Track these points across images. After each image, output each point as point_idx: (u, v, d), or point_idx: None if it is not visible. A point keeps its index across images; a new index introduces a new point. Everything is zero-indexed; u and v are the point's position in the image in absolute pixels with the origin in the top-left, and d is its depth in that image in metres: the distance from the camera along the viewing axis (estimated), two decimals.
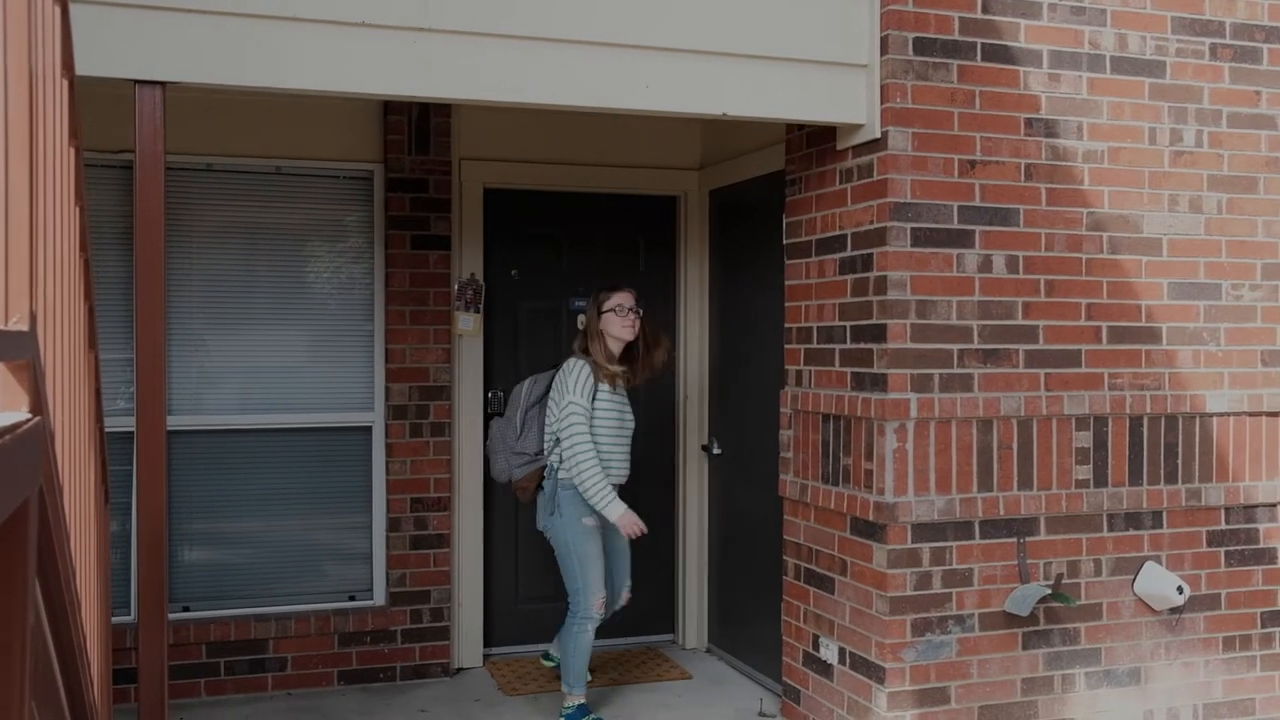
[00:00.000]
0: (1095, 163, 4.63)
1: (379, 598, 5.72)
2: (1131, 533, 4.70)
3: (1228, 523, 4.83)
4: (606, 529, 4.99)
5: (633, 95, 4.22)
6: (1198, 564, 4.78)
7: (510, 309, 6.08)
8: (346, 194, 5.74)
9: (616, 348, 5.03)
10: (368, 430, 5.72)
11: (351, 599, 5.71)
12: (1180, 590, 4.61)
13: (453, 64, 4.00)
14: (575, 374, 4.92)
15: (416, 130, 5.68)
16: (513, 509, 6.05)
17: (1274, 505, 4.90)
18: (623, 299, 5.02)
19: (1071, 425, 4.60)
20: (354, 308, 5.75)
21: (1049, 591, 4.45)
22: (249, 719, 5.13)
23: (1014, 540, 4.51)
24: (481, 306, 5.86)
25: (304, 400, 5.66)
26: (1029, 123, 4.53)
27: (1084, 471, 4.62)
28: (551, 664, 5.62)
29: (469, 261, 5.87)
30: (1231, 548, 4.84)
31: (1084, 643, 4.63)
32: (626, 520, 4.87)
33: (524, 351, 6.10)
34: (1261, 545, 4.88)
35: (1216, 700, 4.84)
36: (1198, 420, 4.78)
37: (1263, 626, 4.90)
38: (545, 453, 5.03)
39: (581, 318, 5.25)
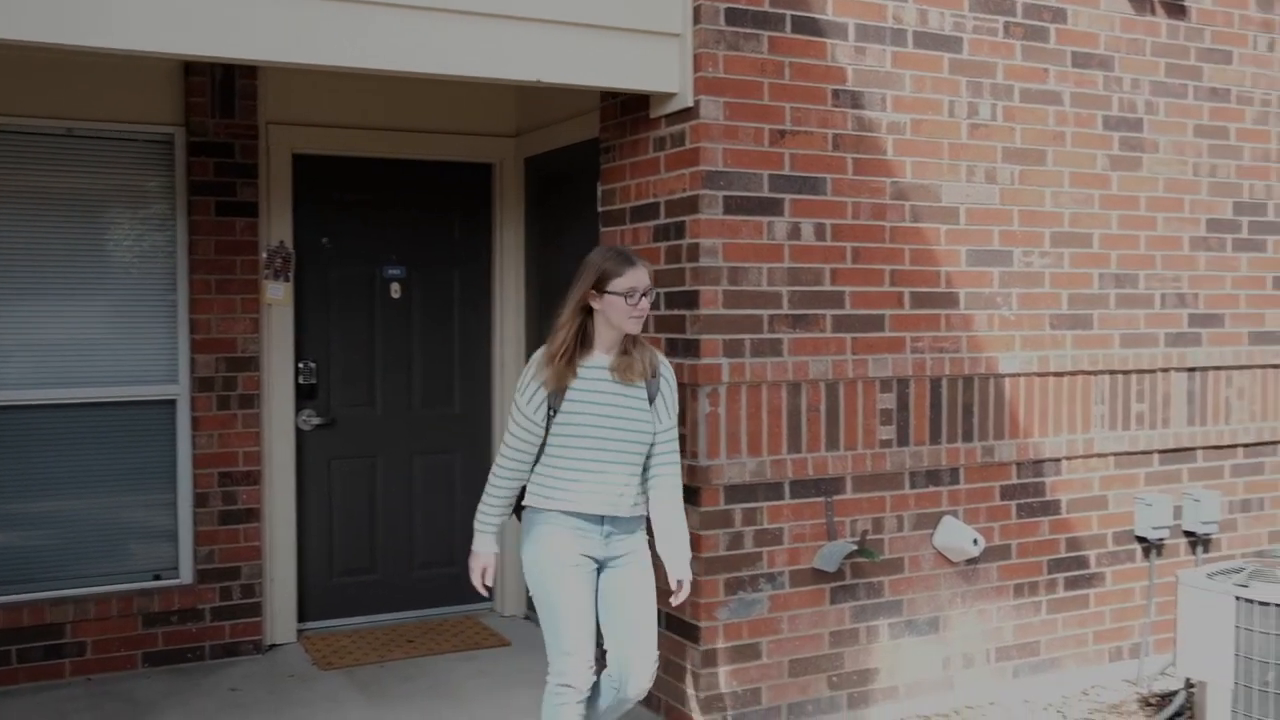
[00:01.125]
0: (898, 134, 4.79)
1: (186, 575, 5.53)
2: (931, 489, 4.92)
3: (1019, 477, 5.11)
4: (608, 567, 3.78)
5: (443, 60, 4.16)
6: (991, 517, 5.04)
7: (321, 278, 5.94)
8: (145, 158, 5.49)
9: (609, 340, 3.72)
10: (171, 403, 5.50)
11: (157, 578, 5.51)
12: (975, 542, 4.85)
13: (248, 23, 3.86)
14: (529, 369, 3.77)
15: (220, 92, 5.47)
16: (327, 481, 5.93)
17: (1059, 460, 5.20)
18: (637, 279, 3.64)
19: (876, 387, 4.77)
20: (156, 277, 5.51)
21: (855, 548, 4.63)
22: (40, 708, 4.90)
23: (822, 499, 4.67)
24: (291, 275, 5.70)
25: (102, 374, 5.41)
26: (836, 94, 4.65)
27: (887, 432, 4.80)
28: None
29: (278, 229, 5.70)
30: (1022, 501, 5.11)
31: (887, 595, 4.83)
32: (473, 561, 3.85)
33: (336, 321, 5.97)
34: (1048, 497, 5.18)
35: (1007, 644, 5.12)
36: (991, 381, 5.03)
37: (1048, 573, 5.21)
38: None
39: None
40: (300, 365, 5.82)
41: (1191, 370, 5.55)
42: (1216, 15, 5.55)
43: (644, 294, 3.66)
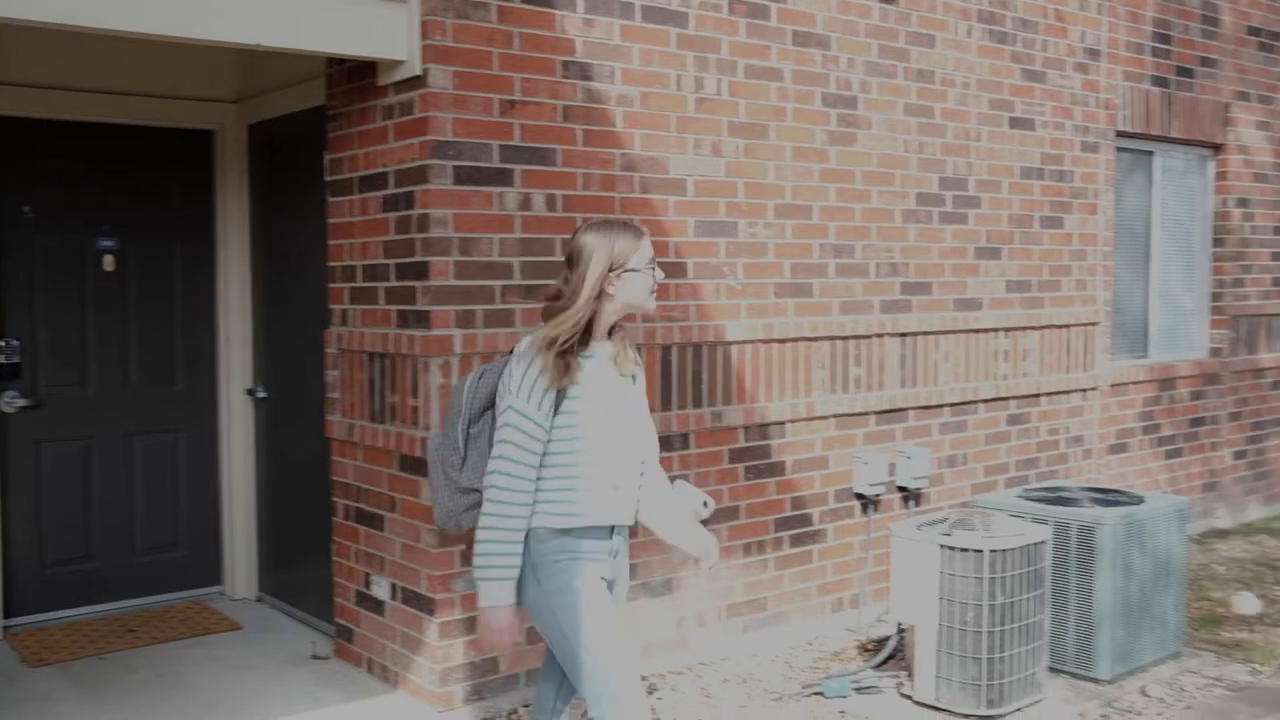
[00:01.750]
0: (627, 106, 4.86)
1: None
2: (665, 454, 5.03)
3: (746, 440, 5.31)
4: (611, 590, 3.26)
5: (151, 18, 3.91)
6: (721, 479, 5.22)
7: (24, 249, 5.53)
8: None
9: (605, 326, 3.20)
10: None
11: None
12: (706, 504, 4.99)
13: None
14: (523, 363, 3.10)
15: None
16: (35, 466, 5.56)
17: (784, 423, 5.43)
18: (649, 247, 3.21)
19: None
20: None
21: None
22: None
23: None
24: None
25: None
26: (566, 65, 4.68)
27: None
28: None
29: None
30: (749, 463, 5.32)
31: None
32: (493, 620, 3.09)
33: (41, 295, 5.58)
34: (774, 459, 5.41)
35: (737, 601, 5.33)
36: (720, 349, 5.20)
37: (775, 532, 5.44)
38: None
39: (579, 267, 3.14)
40: (3, 343, 5.42)
41: (904, 335, 5.90)
42: (921, 1, 5.88)
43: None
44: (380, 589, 4.73)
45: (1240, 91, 7.76)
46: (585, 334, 3.11)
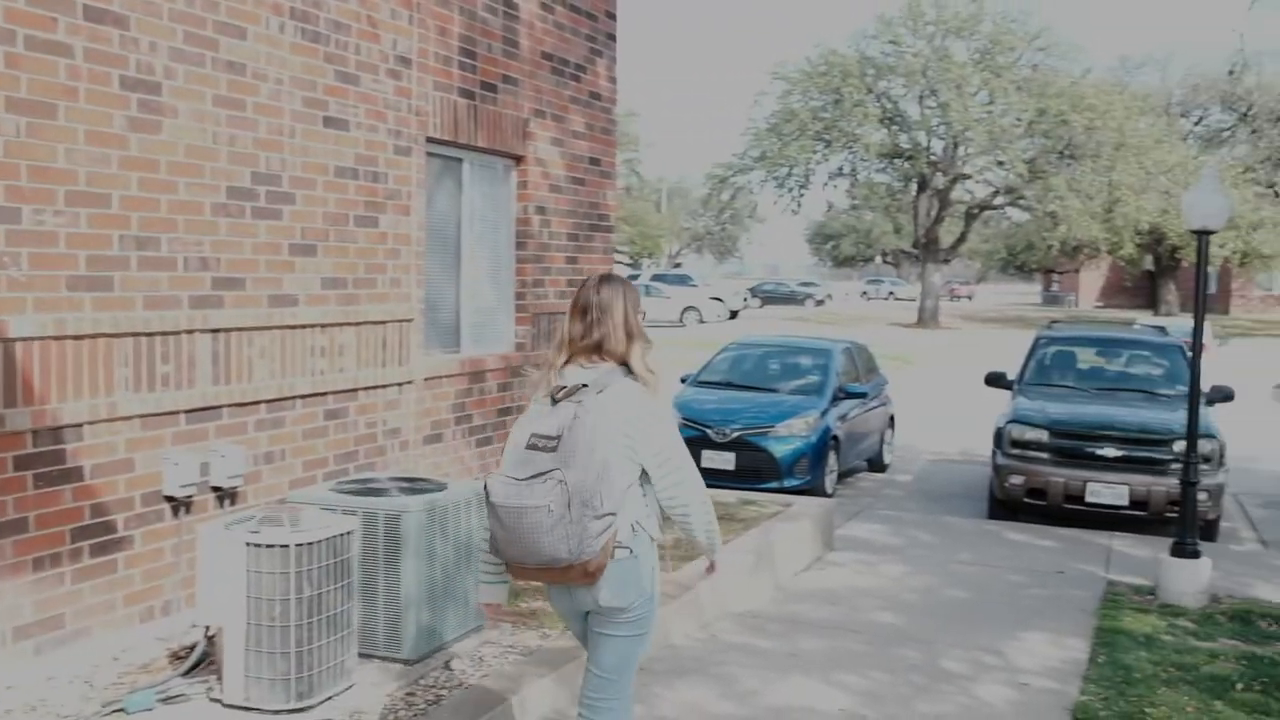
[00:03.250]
0: None
1: None
2: None
3: (35, 446, 4.87)
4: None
5: None
6: (5, 490, 4.75)
7: None
8: None
9: None
10: None
11: None
12: None
13: None
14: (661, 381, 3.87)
15: None
16: None
17: (80, 425, 5.07)
18: None
19: None
20: None
21: None
22: None
23: None
24: None
25: None
26: None
27: None
28: None
29: None
30: (39, 470, 4.89)
31: None
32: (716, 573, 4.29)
33: None
34: (69, 465, 5.03)
35: (28, 621, 4.89)
36: (2, 346, 4.72)
37: (73, 542, 5.06)
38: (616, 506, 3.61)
39: (612, 314, 3.79)
40: None
41: (216, 331, 5.76)
42: None
43: None
44: None
45: (538, 109, 8.51)
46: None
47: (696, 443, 11.29)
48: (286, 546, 4.52)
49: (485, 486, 3.62)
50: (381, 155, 6.89)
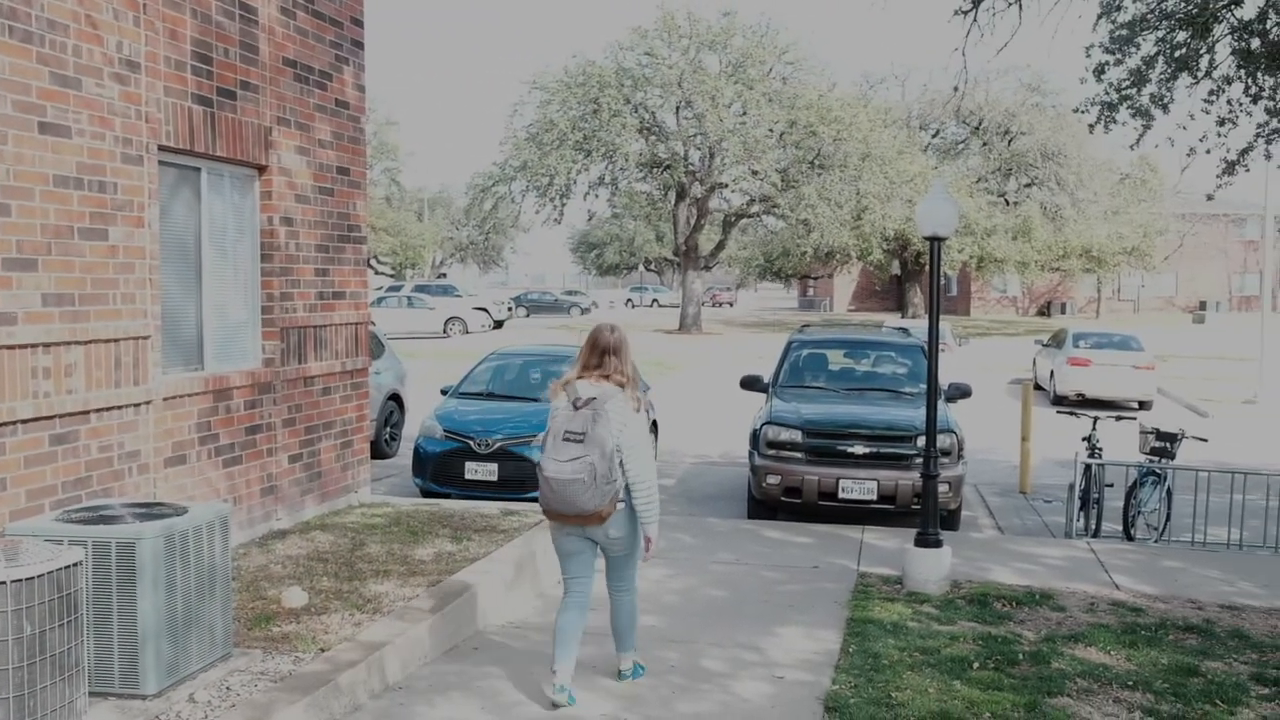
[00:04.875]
0: None
1: None
2: None
3: None
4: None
5: None
6: None
7: None
8: None
9: None
10: None
11: None
12: None
13: None
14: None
15: None
16: None
17: None
18: None
19: None
20: None
21: None
22: None
23: None
24: None
25: None
26: None
27: None
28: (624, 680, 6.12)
29: None
30: None
31: None
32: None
33: None
34: None
35: None
36: None
37: None
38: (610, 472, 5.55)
39: (622, 359, 5.69)
40: None
41: None
42: None
43: None
44: None
45: (281, 117, 8.23)
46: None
47: (459, 455, 11.17)
48: (3, 583, 4.19)
49: (539, 464, 5.55)
50: (109, 164, 6.52)
